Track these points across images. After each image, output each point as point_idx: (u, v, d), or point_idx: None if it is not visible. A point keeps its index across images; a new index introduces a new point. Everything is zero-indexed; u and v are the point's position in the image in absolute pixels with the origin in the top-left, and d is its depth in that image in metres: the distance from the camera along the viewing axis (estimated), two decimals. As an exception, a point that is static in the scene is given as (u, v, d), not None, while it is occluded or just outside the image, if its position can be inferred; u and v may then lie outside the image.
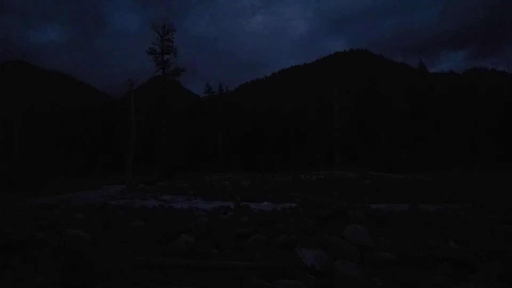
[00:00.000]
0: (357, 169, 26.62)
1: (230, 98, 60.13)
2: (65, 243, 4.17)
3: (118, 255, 3.45)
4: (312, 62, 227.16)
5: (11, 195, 14.05)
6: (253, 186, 18.09)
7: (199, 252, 3.92)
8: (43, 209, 8.74)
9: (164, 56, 35.39)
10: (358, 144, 41.53)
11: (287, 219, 6.27)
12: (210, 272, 3.27)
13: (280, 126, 46.78)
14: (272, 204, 10.84)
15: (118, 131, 42.93)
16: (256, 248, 4.30)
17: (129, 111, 25.20)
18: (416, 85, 44.41)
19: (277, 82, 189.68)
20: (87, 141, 45.64)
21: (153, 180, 24.79)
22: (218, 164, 43.35)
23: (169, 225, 5.83)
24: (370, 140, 41.07)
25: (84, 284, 2.80)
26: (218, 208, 9.52)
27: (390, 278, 3.11)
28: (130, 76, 27.22)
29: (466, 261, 3.39)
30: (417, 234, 4.76)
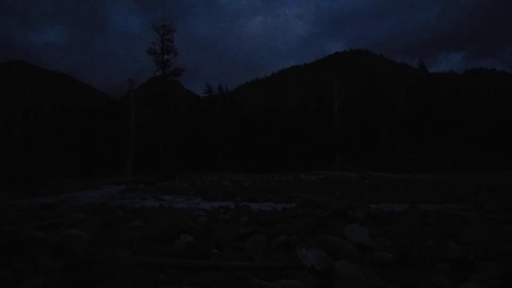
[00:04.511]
0: (357, 169, 26.62)
1: (230, 98, 60.15)
2: (65, 243, 4.17)
3: (118, 255, 3.45)
4: (312, 62, 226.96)
5: (11, 195, 14.03)
6: (253, 186, 18.08)
7: (199, 252, 3.92)
8: (43, 209, 8.70)
9: (164, 56, 35.46)
10: (358, 143, 41.52)
11: (287, 219, 6.26)
12: (210, 272, 3.27)
13: (280, 126, 46.78)
14: (272, 204, 10.80)
15: (118, 131, 42.96)
16: (256, 248, 4.30)
17: (129, 111, 25.25)
18: (416, 85, 44.42)
19: (277, 82, 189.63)
20: (87, 141, 45.64)
21: (153, 180, 24.78)
22: (218, 164, 43.36)
23: (169, 225, 5.81)
24: (370, 139, 41.07)
25: (84, 284, 2.80)
26: (218, 208, 9.49)
27: (390, 278, 3.11)
28: (130, 76, 27.28)
29: (466, 261, 3.39)
30: (417, 234, 4.76)
